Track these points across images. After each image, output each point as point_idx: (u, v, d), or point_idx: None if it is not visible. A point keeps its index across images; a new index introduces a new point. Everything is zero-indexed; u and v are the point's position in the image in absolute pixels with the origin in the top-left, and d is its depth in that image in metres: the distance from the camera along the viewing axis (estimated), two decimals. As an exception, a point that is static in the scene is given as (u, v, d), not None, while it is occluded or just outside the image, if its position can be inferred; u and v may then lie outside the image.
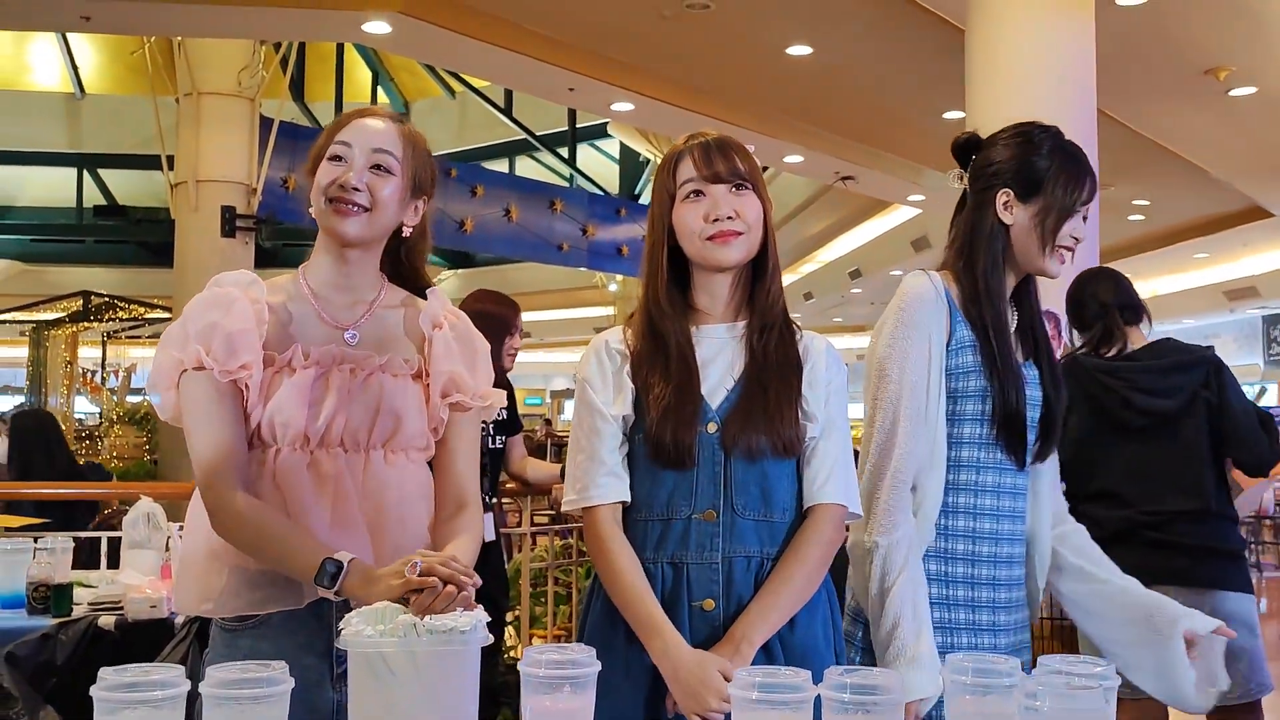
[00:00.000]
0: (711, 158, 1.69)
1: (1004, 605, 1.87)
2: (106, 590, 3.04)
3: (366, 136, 1.68)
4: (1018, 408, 1.83)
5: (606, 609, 1.69)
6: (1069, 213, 1.84)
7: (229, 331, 1.60)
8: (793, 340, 1.73)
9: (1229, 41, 7.57)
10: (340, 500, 1.61)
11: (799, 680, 1.21)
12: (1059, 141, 1.89)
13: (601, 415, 1.69)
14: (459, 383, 1.70)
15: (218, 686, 1.18)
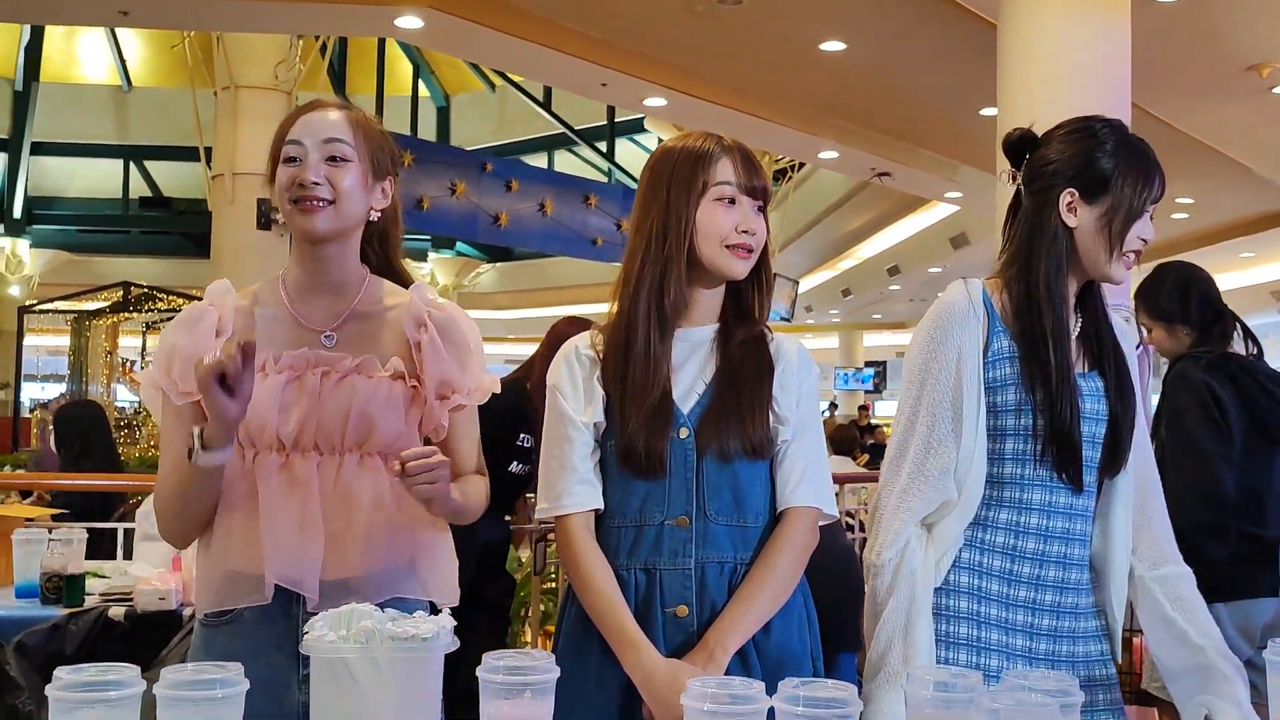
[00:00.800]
0: (751, 169, 1.70)
1: (1046, 632, 1.74)
2: (118, 582, 3.08)
3: (316, 130, 1.68)
4: (1069, 422, 1.71)
5: (581, 618, 1.68)
6: (1138, 213, 1.73)
7: (190, 353, 1.62)
8: (764, 343, 1.72)
9: (1271, 38, 7.43)
10: (307, 503, 1.62)
11: (752, 692, 1.20)
12: (1124, 136, 1.77)
13: (572, 423, 1.68)
14: (452, 384, 1.71)
15: (171, 688, 1.19)
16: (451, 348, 1.72)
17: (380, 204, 1.73)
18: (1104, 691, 1.76)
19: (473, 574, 3.46)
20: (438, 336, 1.71)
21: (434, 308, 1.74)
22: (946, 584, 1.75)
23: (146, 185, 19.22)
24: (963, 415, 1.73)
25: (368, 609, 1.37)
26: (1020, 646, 1.74)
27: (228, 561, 1.63)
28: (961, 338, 1.74)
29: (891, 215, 15.10)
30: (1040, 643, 1.75)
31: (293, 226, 1.69)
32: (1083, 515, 1.77)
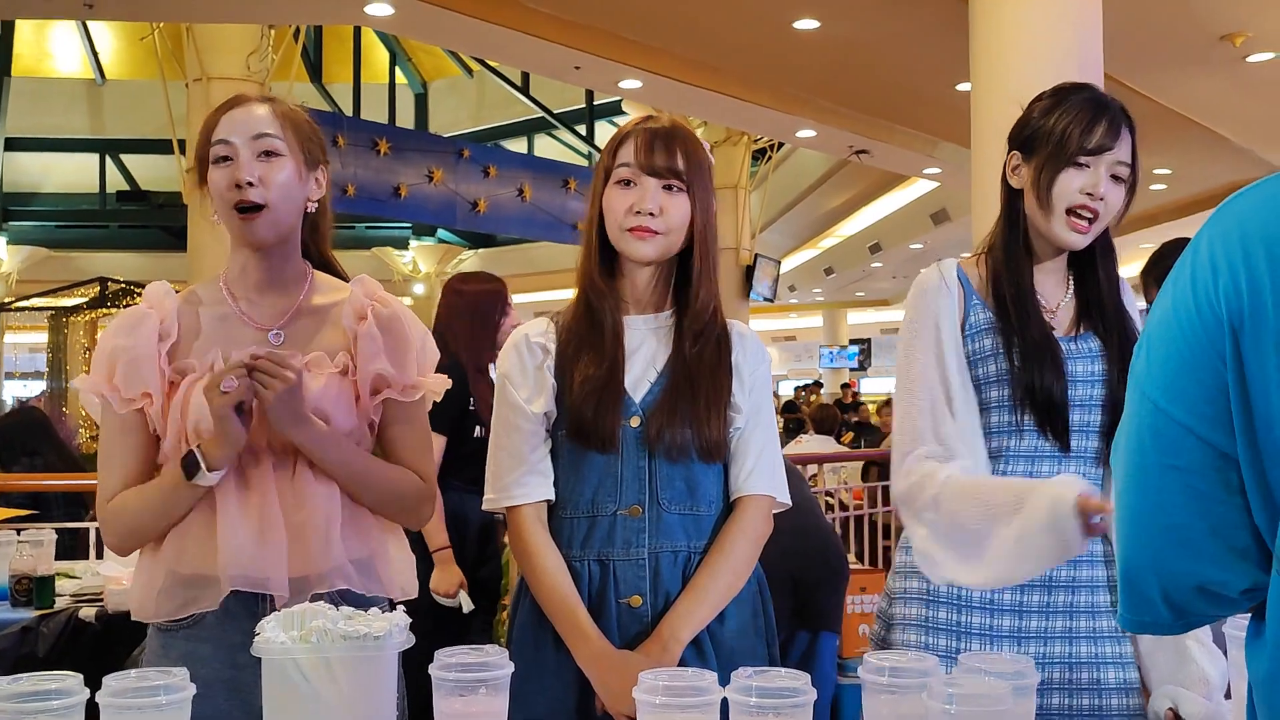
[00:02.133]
0: (653, 148, 1.65)
1: (1036, 609, 1.71)
2: (89, 582, 3.06)
3: (244, 126, 1.64)
4: (1045, 384, 1.68)
5: (534, 610, 1.68)
6: (1066, 162, 1.67)
7: (133, 358, 1.61)
8: (727, 346, 1.70)
9: (1243, 6, 7.43)
10: (264, 503, 1.60)
11: (704, 683, 1.19)
12: (1074, 93, 1.73)
13: (522, 412, 1.67)
14: (387, 378, 1.67)
15: (115, 695, 1.17)
16: (390, 341, 1.68)
17: (316, 194, 1.71)
18: (1117, 670, 1.72)
19: (473, 556, 3.46)
20: (376, 330, 1.67)
21: (377, 301, 1.71)
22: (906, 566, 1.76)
23: (123, 179, 19.08)
24: (951, 391, 1.71)
25: (321, 608, 1.36)
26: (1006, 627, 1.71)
27: (184, 565, 1.61)
28: (937, 313, 1.74)
29: (871, 193, 15.08)
30: (1029, 620, 1.72)
31: (233, 233, 1.66)
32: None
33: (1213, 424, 0.87)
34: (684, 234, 1.67)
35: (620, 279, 1.71)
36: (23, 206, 18.49)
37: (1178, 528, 0.90)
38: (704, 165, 1.69)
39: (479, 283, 3.71)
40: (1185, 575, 0.91)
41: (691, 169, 1.66)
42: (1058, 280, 1.80)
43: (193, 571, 1.60)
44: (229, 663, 1.56)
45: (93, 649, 2.82)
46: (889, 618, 1.80)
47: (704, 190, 1.68)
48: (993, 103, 5.68)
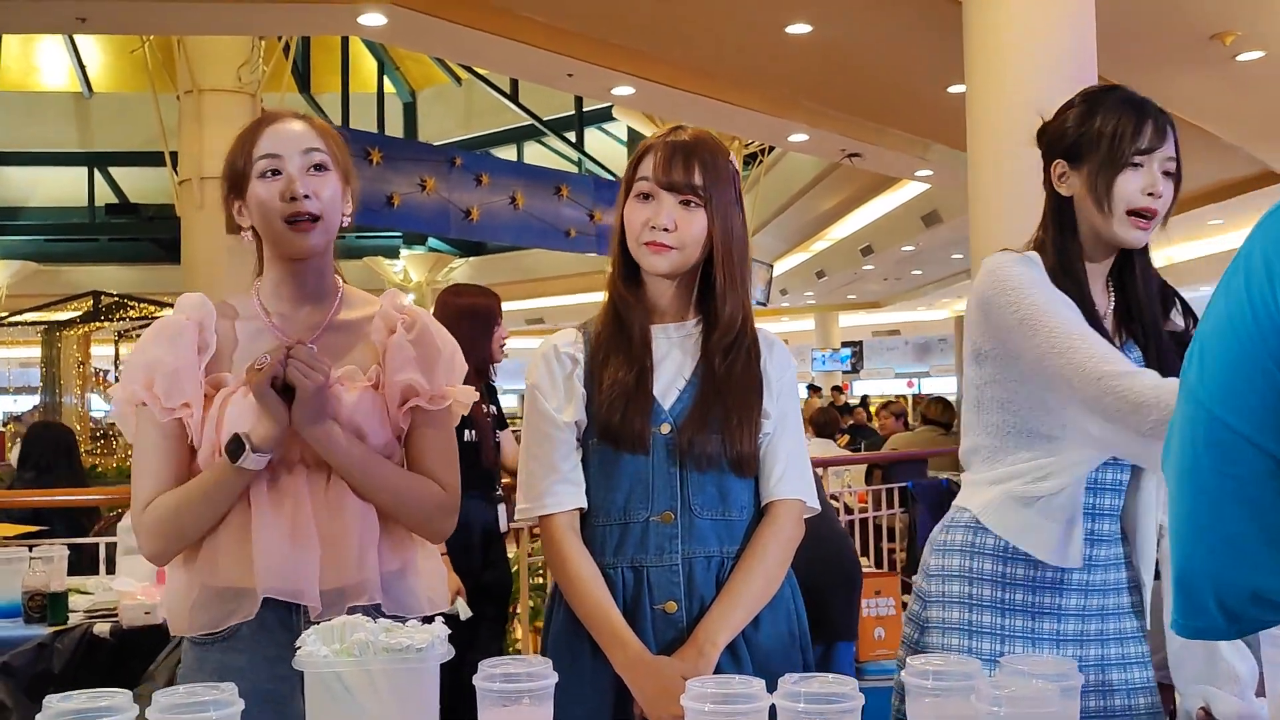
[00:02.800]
0: (672, 163, 1.65)
1: (1074, 613, 1.71)
2: (102, 597, 3.05)
3: (292, 141, 1.66)
4: None
5: (569, 618, 1.68)
6: (1121, 166, 1.68)
7: (172, 368, 1.60)
8: (756, 356, 1.70)
9: (1233, 5, 7.47)
10: (299, 516, 1.60)
11: (753, 690, 1.20)
12: (1105, 95, 1.74)
13: (553, 422, 1.67)
14: (415, 388, 1.67)
15: (165, 711, 1.17)
16: (419, 351, 1.69)
17: (349, 210, 1.72)
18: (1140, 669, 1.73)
19: (479, 561, 3.45)
20: (405, 340, 1.68)
21: (405, 313, 1.72)
22: (970, 572, 1.74)
23: (112, 192, 19.03)
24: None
25: (361, 620, 1.36)
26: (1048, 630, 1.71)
27: (218, 578, 1.60)
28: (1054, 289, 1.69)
29: (862, 196, 15.11)
30: (1067, 624, 1.72)
31: (282, 245, 1.65)
32: (1112, 489, 1.74)
33: (1270, 432, 0.87)
34: (700, 248, 1.67)
35: (644, 288, 1.72)
36: (10, 221, 18.44)
37: (1233, 536, 0.90)
38: (726, 178, 1.68)
39: (472, 295, 3.73)
40: (1240, 583, 0.91)
41: (711, 183, 1.66)
42: (1101, 288, 1.79)
43: (226, 584, 1.60)
44: (265, 675, 1.56)
45: (108, 665, 2.81)
46: (924, 620, 1.79)
47: (725, 203, 1.68)
48: (988, 104, 5.70)
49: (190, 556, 1.63)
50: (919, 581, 1.84)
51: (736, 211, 1.71)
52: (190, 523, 1.60)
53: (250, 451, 1.54)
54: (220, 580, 1.60)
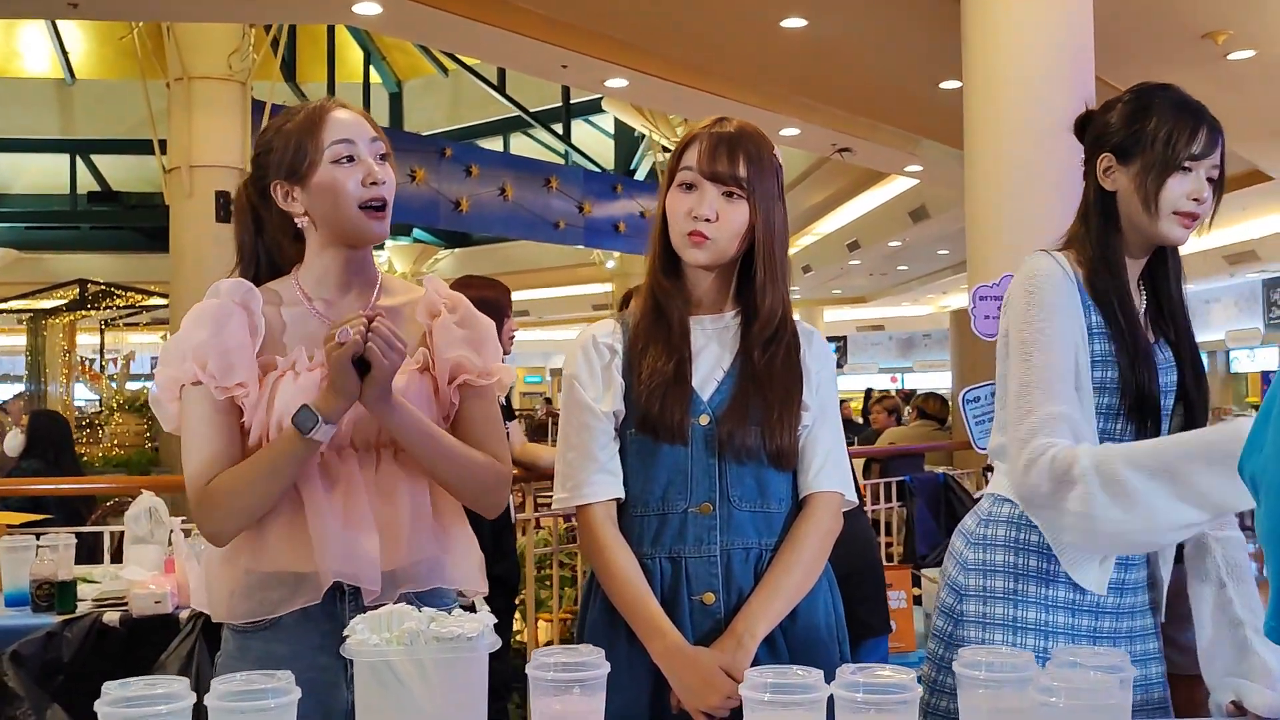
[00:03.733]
0: (716, 154, 1.65)
1: (1110, 611, 1.73)
2: (111, 586, 3.03)
3: (359, 129, 1.66)
4: (1150, 388, 1.67)
5: (606, 608, 1.68)
6: (1172, 168, 1.67)
7: (225, 348, 1.59)
8: (796, 349, 1.70)
9: (1226, 5, 7.52)
10: (351, 500, 1.60)
11: (811, 680, 1.20)
12: (1162, 95, 1.73)
13: (592, 412, 1.67)
14: (465, 365, 1.68)
15: (223, 699, 1.16)
16: (466, 331, 1.71)
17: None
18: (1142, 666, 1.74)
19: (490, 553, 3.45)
20: (452, 323, 1.70)
21: (448, 299, 1.74)
22: (1014, 568, 1.75)
23: (95, 180, 18.89)
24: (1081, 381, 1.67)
25: (407, 609, 1.35)
26: (1062, 624, 1.72)
27: (266, 563, 1.59)
28: (1071, 306, 1.70)
29: (850, 190, 15.16)
30: (1082, 619, 1.73)
31: (352, 231, 1.65)
32: None
33: None
34: (740, 240, 1.67)
35: (684, 279, 1.72)
36: (-7, 207, 18.30)
37: None
38: (769, 170, 1.68)
39: (481, 287, 3.71)
40: None
41: (754, 175, 1.65)
42: (1134, 287, 1.79)
43: (277, 569, 1.58)
44: (308, 664, 1.54)
45: (118, 654, 2.79)
46: (960, 614, 1.78)
47: (767, 196, 1.67)
48: (985, 100, 5.72)
49: (234, 541, 1.62)
50: (952, 573, 1.83)
51: (778, 205, 1.70)
52: (258, 499, 1.57)
53: (322, 423, 1.53)
54: (269, 565, 1.59)
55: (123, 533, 3.33)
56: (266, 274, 1.74)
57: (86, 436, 10.33)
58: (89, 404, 12.91)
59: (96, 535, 3.77)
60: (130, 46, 10.41)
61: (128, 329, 13.37)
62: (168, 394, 1.64)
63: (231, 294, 1.64)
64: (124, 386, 11.41)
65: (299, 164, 1.64)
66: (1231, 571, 1.72)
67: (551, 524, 4.43)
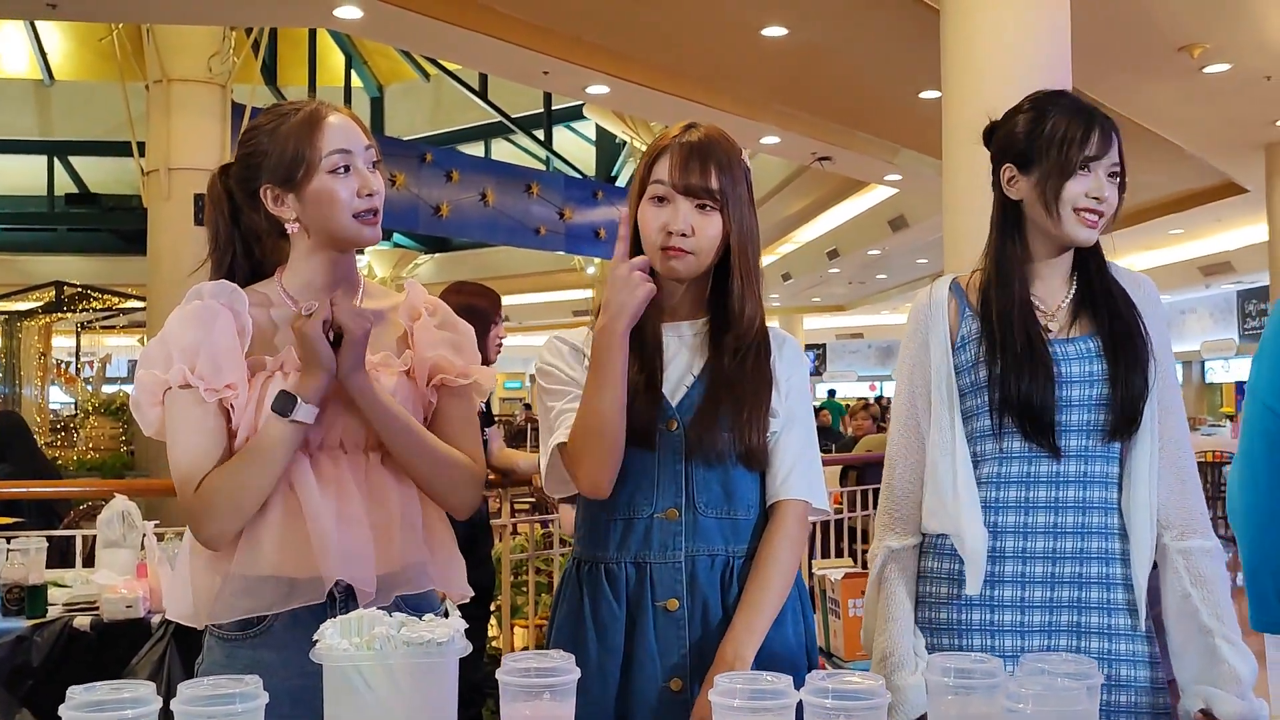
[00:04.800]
0: (687, 166, 1.63)
1: (1039, 604, 1.73)
2: (82, 590, 3.00)
3: (355, 137, 1.66)
4: (1019, 387, 1.71)
5: (573, 609, 1.68)
6: (1070, 172, 1.72)
7: (214, 350, 1.58)
8: (766, 353, 1.70)
9: (1202, 18, 7.58)
10: (344, 500, 1.59)
11: (780, 686, 1.20)
12: (1053, 101, 1.79)
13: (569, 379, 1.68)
14: (443, 365, 1.70)
15: (190, 704, 1.16)
16: (446, 333, 1.73)
17: None
18: (1129, 667, 1.73)
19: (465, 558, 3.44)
20: (432, 325, 1.72)
21: (429, 303, 1.76)
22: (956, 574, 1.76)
23: (72, 181, 18.78)
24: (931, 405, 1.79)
25: (378, 614, 1.35)
26: (1009, 622, 1.73)
27: (260, 567, 1.57)
28: (928, 332, 1.80)
29: (831, 199, 15.22)
30: (1033, 615, 1.73)
31: (345, 238, 1.65)
32: (1079, 481, 1.75)
33: None
34: (716, 250, 1.66)
35: (657, 289, 1.71)
36: (-32, 208, 18.16)
37: None
38: (740, 178, 1.67)
39: (471, 293, 3.71)
40: None
41: (727, 185, 1.64)
42: (1061, 280, 1.83)
43: (272, 573, 1.57)
44: (296, 671, 1.52)
45: (88, 658, 2.78)
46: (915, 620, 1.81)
47: (739, 204, 1.66)
48: (963, 110, 5.75)
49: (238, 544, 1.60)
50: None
51: (750, 211, 1.70)
52: (252, 493, 1.56)
53: (301, 402, 1.53)
54: (264, 570, 1.57)
55: (95, 537, 3.30)
56: (243, 268, 1.73)
57: (61, 440, 10.23)
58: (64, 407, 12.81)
59: (69, 539, 3.74)
60: (109, 48, 10.35)
61: (104, 332, 13.27)
62: (150, 397, 1.62)
63: (216, 296, 1.63)
64: (100, 390, 11.31)
65: (294, 172, 1.63)
66: (1196, 580, 1.74)
67: (528, 530, 4.42)
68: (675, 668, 1.62)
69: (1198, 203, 13.45)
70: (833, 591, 2.85)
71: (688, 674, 1.62)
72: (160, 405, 1.62)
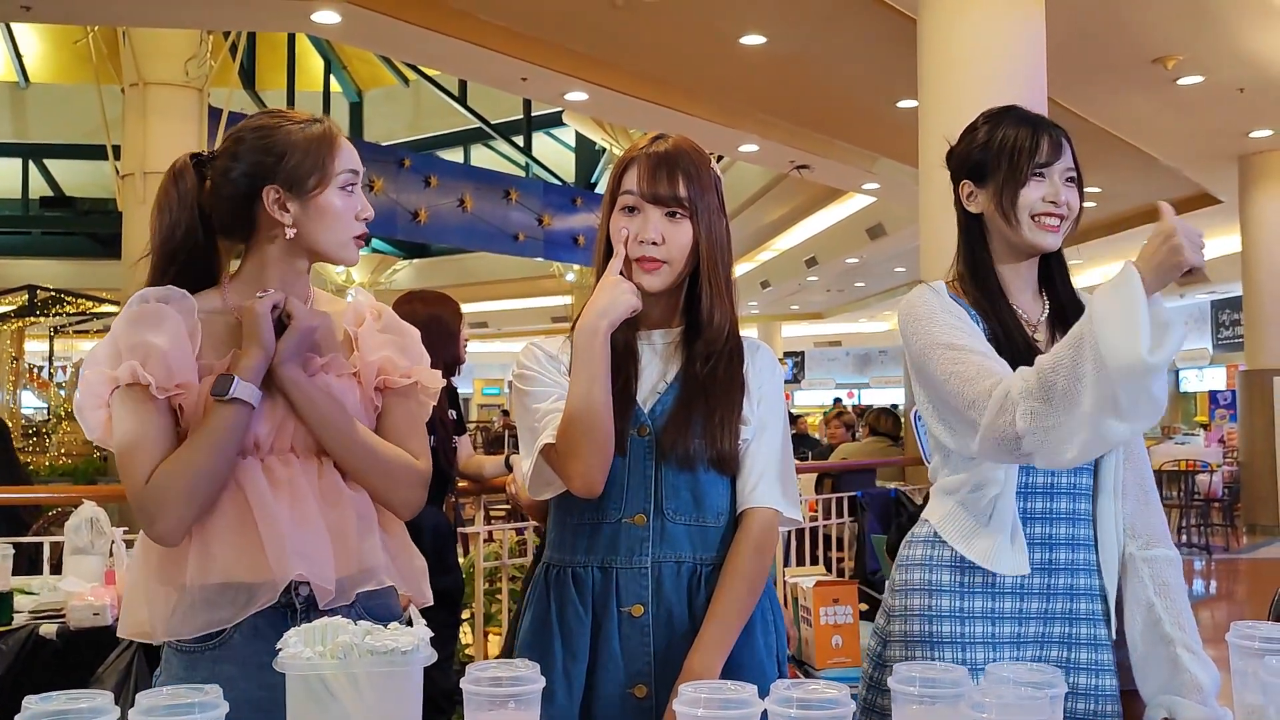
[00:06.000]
0: (655, 175, 1.65)
1: (1035, 616, 1.74)
2: (48, 598, 2.96)
3: (358, 161, 1.71)
4: None
5: (540, 613, 1.67)
6: (1021, 181, 1.75)
7: (164, 350, 1.56)
8: (739, 358, 1.70)
9: (1177, 31, 7.65)
10: (297, 501, 1.58)
11: (745, 695, 1.20)
12: (1002, 115, 1.82)
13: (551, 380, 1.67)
14: (386, 366, 1.70)
15: (148, 714, 1.14)
16: (390, 336, 1.73)
17: None
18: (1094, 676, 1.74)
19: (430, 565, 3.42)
20: (375, 329, 1.72)
21: (374, 308, 1.77)
22: (928, 585, 1.76)
23: (47, 185, 18.66)
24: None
25: (342, 623, 1.34)
26: (1008, 634, 1.74)
27: (214, 574, 1.54)
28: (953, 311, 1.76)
29: (809, 207, 15.26)
30: (1028, 626, 1.74)
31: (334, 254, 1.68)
32: (1069, 493, 1.77)
33: None
34: (688, 259, 1.67)
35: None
36: (-59, 211, 18.02)
37: None
38: (709, 186, 1.68)
39: (430, 303, 3.69)
40: None
41: (695, 193, 1.66)
42: (1033, 295, 1.85)
43: (226, 579, 1.54)
44: (257, 683, 1.49)
45: (54, 667, 2.74)
46: (886, 634, 1.82)
47: (709, 212, 1.67)
48: (940, 119, 5.79)
49: (169, 556, 1.58)
50: (885, 596, 1.86)
51: (720, 218, 1.70)
52: (204, 479, 1.53)
53: (238, 381, 1.53)
54: (218, 576, 1.54)
55: (62, 544, 3.26)
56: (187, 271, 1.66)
57: (33, 445, 10.15)
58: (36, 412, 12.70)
59: (37, 546, 3.70)
60: (85, 50, 10.29)
61: (77, 336, 13.18)
62: (95, 400, 1.59)
63: (164, 300, 1.61)
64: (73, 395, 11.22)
65: (307, 181, 1.63)
66: (1160, 590, 1.75)
67: (502, 537, 4.41)
68: (640, 674, 1.62)
69: (1173, 213, 13.55)
70: (804, 600, 2.84)
71: (652, 680, 1.61)
72: (105, 408, 1.59)
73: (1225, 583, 9.30)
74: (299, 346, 1.59)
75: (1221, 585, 9.16)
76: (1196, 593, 8.43)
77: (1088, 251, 14.25)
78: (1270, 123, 10.00)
